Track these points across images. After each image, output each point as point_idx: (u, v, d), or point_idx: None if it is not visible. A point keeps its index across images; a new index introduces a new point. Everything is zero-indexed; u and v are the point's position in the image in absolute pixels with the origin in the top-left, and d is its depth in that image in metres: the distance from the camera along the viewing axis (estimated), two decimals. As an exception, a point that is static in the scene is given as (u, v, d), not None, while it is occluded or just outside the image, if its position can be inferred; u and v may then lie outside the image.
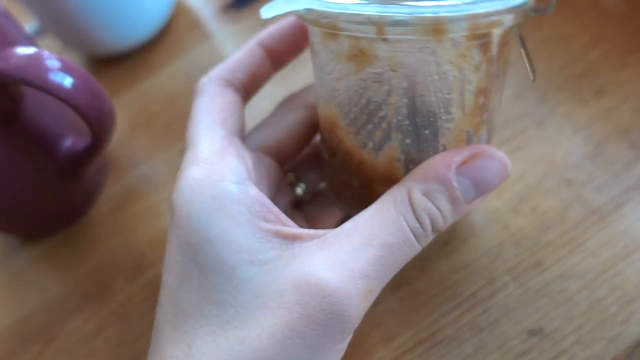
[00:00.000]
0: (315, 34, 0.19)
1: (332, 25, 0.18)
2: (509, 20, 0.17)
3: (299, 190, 0.26)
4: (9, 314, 0.33)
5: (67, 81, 0.23)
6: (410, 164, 0.20)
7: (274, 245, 0.18)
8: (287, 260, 0.17)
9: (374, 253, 0.17)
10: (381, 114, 0.19)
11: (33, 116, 0.28)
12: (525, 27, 0.36)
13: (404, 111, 0.18)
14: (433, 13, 0.16)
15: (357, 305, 0.17)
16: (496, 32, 0.17)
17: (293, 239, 0.18)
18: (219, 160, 0.19)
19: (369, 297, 0.17)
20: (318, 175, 0.27)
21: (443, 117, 0.19)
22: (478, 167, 0.18)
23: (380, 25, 0.16)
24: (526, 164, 0.29)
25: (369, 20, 0.16)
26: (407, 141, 0.19)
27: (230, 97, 0.22)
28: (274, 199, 0.23)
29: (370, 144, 0.20)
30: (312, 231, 0.18)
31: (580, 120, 0.30)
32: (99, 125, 0.25)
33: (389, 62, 0.17)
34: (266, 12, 0.18)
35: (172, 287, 0.18)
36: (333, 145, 0.21)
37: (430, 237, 0.19)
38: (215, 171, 0.18)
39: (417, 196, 0.18)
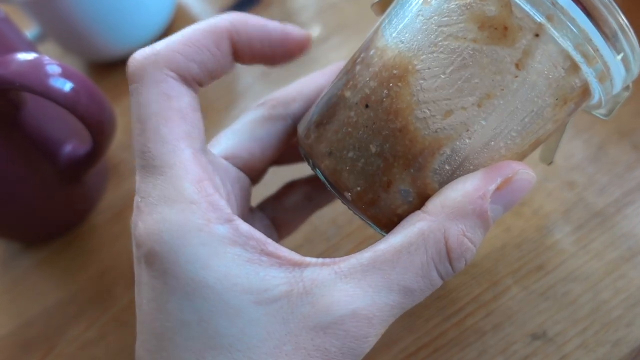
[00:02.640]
0: None
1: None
2: (598, 97, 0.18)
3: None
4: (9, 321, 0.32)
5: (68, 87, 0.23)
6: (450, 164, 0.18)
7: (281, 279, 0.16)
8: (297, 297, 0.16)
9: (395, 300, 0.16)
10: (471, 97, 0.17)
11: (33, 122, 0.28)
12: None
13: (491, 111, 0.17)
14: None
15: (372, 345, 0.17)
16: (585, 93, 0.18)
17: (300, 266, 0.17)
18: (198, 198, 0.17)
19: (381, 334, 0.17)
20: None
21: (515, 141, 0.18)
22: (511, 191, 0.17)
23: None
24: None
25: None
26: (467, 140, 0.17)
27: (188, 98, 0.18)
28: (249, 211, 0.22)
29: (431, 119, 0.17)
30: (319, 260, 0.17)
31: (581, 122, 0.30)
32: (99, 131, 0.25)
33: (522, 56, 0.16)
34: None
35: (166, 336, 0.16)
36: (374, 97, 0.18)
37: None
38: (199, 214, 0.16)
39: (455, 239, 0.17)
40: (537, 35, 0.16)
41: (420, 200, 0.18)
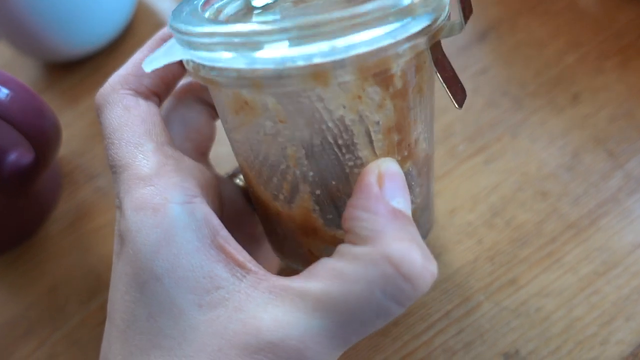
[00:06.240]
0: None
1: (208, 79, 0.16)
2: (407, 52, 0.15)
3: (239, 181, 0.24)
4: (-46, 341, 0.30)
5: (1, 94, 0.21)
6: (328, 213, 0.18)
7: (222, 282, 0.16)
8: (232, 311, 0.16)
9: (333, 330, 0.15)
10: (282, 166, 0.17)
11: (-28, 129, 0.26)
12: (497, 31, 0.34)
13: (305, 162, 0.17)
14: (306, 61, 0.14)
15: None
16: (395, 66, 0.15)
17: (243, 269, 0.17)
18: (158, 180, 0.17)
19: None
20: None
21: (350, 164, 0.17)
22: (392, 182, 0.16)
23: (254, 79, 0.15)
24: (500, 176, 0.28)
25: (240, 76, 0.15)
26: (317, 192, 0.18)
27: (145, 107, 0.19)
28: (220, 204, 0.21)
29: (281, 196, 0.18)
30: (261, 270, 0.17)
31: (555, 129, 0.29)
32: (40, 141, 0.23)
33: (276, 113, 0.16)
34: (147, 65, 0.17)
35: (121, 327, 0.17)
36: (252, 197, 0.20)
37: None
38: (156, 193, 0.17)
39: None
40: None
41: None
